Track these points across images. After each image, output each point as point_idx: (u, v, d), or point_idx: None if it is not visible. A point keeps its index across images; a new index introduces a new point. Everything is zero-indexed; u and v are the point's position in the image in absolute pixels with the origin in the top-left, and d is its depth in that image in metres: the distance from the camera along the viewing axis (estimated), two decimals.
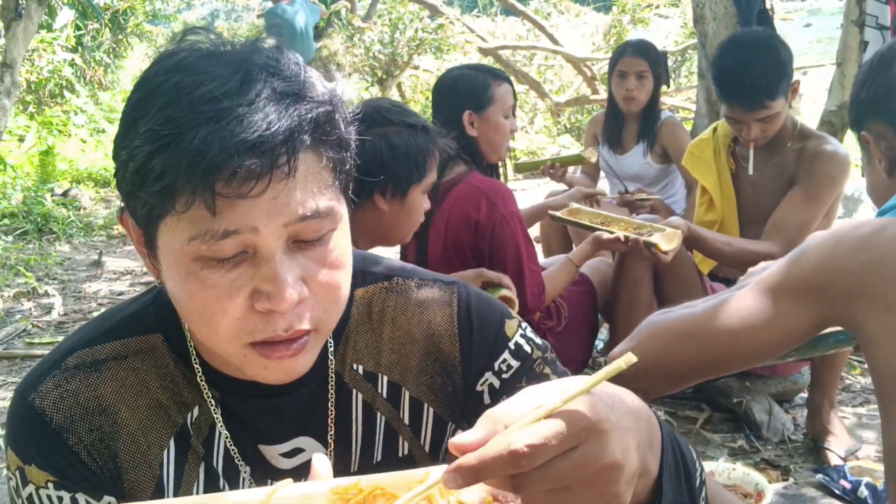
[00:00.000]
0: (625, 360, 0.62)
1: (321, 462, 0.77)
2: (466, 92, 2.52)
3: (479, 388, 1.03)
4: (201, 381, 0.97)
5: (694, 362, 1.31)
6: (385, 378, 1.03)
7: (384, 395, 1.03)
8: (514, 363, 1.03)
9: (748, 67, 2.47)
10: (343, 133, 0.86)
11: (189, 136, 0.76)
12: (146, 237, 0.85)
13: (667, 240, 2.54)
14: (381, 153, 1.96)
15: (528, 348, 1.04)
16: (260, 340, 0.84)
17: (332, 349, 1.00)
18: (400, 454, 1.05)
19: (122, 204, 0.87)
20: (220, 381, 0.96)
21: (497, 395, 1.02)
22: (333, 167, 0.85)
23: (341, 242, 0.87)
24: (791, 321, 1.29)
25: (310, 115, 0.81)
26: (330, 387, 1.00)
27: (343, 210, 0.88)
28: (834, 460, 2.44)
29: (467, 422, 1.06)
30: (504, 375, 1.03)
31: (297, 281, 0.82)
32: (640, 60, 3.60)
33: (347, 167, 0.88)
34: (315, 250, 0.84)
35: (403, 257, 2.53)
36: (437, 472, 0.70)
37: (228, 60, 0.81)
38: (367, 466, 1.03)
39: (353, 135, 0.90)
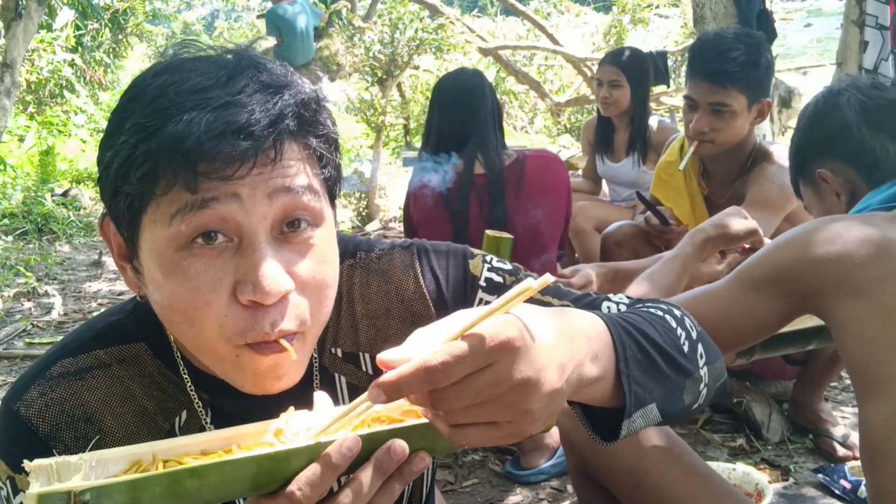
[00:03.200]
0: (539, 282, 0.66)
1: (321, 398, 0.82)
2: (492, 88, 2.74)
3: None
4: (189, 385, 0.97)
5: None
6: (367, 356, 1.04)
7: (369, 371, 1.04)
8: (491, 298, 1.04)
9: (723, 43, 2.41)
10: (328, 129, 0.87)
11: (174, 121, 0.76)
12: (128, 242, 0.85)
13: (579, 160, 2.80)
14: None
15: (499, 278, 1.05)
16: (249, 342, 0.83)
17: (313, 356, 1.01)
18: None
19: (105, 210, 0.87)
20: (208, 383, 0.96)
21: None
22: (320, 157, 0.86)
23: (327, 242, 0.87)
24: (767, 310, 1.40)
25: (294, 101, 0.82)
26: (314, 375, 1.01)
27: (327, 212, 0.88)
28: (835, 447, 2.45)
29: None
30: None
31: (282, 272, 0.82)
32: (614, 69, 3.67)
33: (332, 167, 0.88)
34: (300, 244, 0.84)
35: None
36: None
37: (215, 60, 0.83)
38: None
39: (335, 130, 0.91)
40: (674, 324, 0.91)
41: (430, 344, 0.66)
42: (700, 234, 1.82)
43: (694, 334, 0.94)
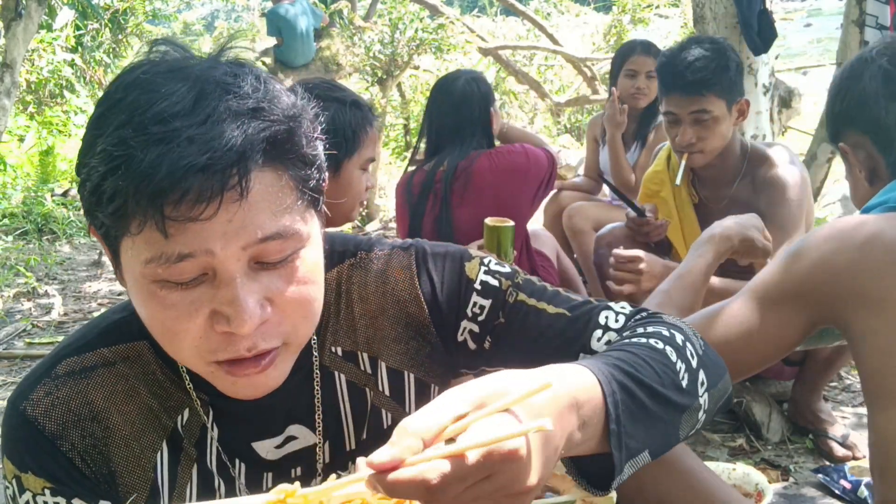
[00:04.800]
0: (543, 385, 0.66)
1: (362, 464, 0.77)
2: (483, 93, 2.85)
3: (459, 338, 1.03)
4: (189, 385, 0.97)
5: None
6: (365, 355, 1.04)
7: (368, 370, 1.04)
8: (486, 302, 1.02)
9: (689, 52, 2.42)
10: (305, 150, 0.83)
11: (138, 159, 0.74)
12: (111, 252, 0.85)
13: (567, 170, 2.95)
14: None
15: (495, 282, 1.03)
16: (223, 360, 0.83)
17: (314, 339, 1.01)
18: (385, 426, 1.06)
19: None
20: (207, 384, 0.96)
21: (480, 339, 1.02)
22: (296, 185, 0.82)
23: (310, 259, 0.85)
24: (785, 326, 1.32)
25: (263, 134, 0.78)
26: (315, 373, 1.01)
27: (311, 229, 0.86)
28: (834, 447, 2.45)
29: (454, 377, 1.07)
30: (480, 318, 1.02)
31: (259, 303, 0.81)
32: (651, 59, 3.63)
33: (313, 184, 0.85)
34: (280, 270, 0.82)
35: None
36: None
37: (185, 76, 0.79)
38: (359, 444, 1.05)
39: (321, 149, 0.87)
40: (674, 357, 0.88)
41: (420, 439, 0.64)
42: (726, 242, 1.69)
43: (694, 362, 0.91)
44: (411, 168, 2.95)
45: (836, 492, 2.26)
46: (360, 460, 0.79)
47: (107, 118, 0.79)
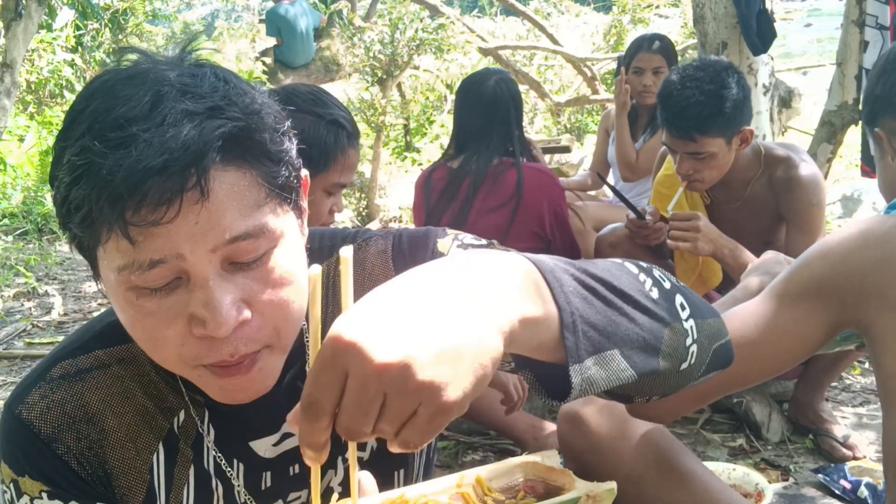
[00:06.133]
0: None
1: (367, 478, 0.77)
2: (517, 94, 2.85)
3: None
4: (183, 386, 0.97)
5: (715, 379, 1.33)
6: None
7: None
8: None
9: (684, 90, 2.35)
10: (268, 146, 0.82)
11: (97, 165, 0.74)
12: (89, 262, 0.84)
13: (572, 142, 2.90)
14: None
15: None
16: (208, 364, 0.83)
17: (307, 337, 1.00)
18: None
19: None
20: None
21: None
22: (263, 182, 0.81)
23: (286, 258, 0.84)
24: (807, 327, 1.28)
25: (219, 132, 0.76)
26: (307, 369, 1.01)
27: (285, 226, 0.84)
28: (835, 447, 2.45)
29: None
30: None
31: (235, 304, 0.80)
32: (658, 56, 3.68)
33: (282, 181, 0.83)
34: (255, 271, 0.81)
35: None
36: (470, 475, 0.75)
37: (143, 80, 0.78)
38: None
39: (290, 146, 0.86)
40: (635, 269, 0.80)
41: None
42: (755, 281, 1.64)
43: (667, 284, 0.83)
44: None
45: (836, 492, 2.26)
46: (364, 476, 0.78)
47: (71, 129, 0.78)
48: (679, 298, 0.82)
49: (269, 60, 9.97)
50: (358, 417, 0.61)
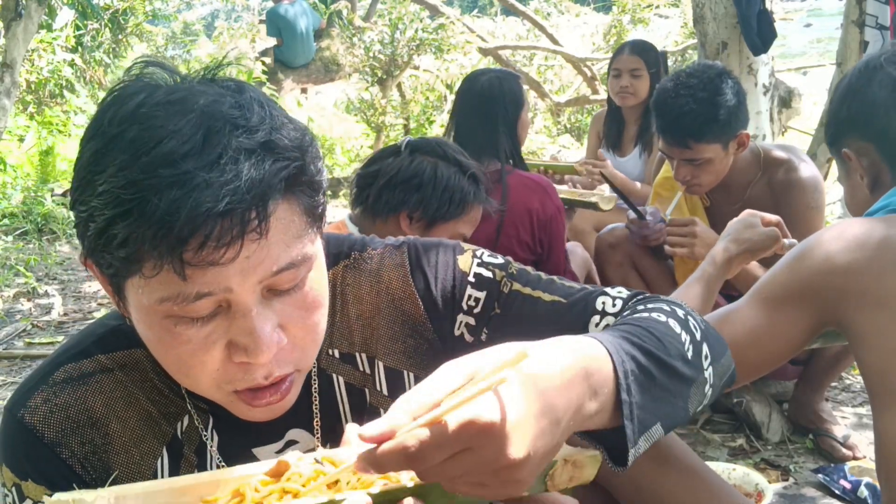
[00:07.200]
0: (516, 357, 0.65)
1: (351, 431, 0.79)
2: (512, 93, 2.74)
3: (456, 332, 1.03)
4: (186, 393, 0.97)
5: None
6: (363, 355, 1.03)
7: (367, 371, 1.04)
8: (480, 294, 1.02)
9: (677, 98, 2.34)
10: (315, 178, 0.83)
11: (153, 204, 0.72)
12: (113, 287, 0.83)
13: (605, 202, 2.93)
14: (422, 175, 1.97)
15: (489, 274, 1.03)
16: (241, 389, 0.83)
17: None
18: None
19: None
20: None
21: (476, 332, 1.02)
22: (306, 212, 0.82)
23: (318, 280, 0.86)
24: (792, 326, 1.33)
25: (283, 174, 0.77)
26: (312, 377, 1.01)
27: (317, 249, 0.86)
28: (835, 447, 2.45)
29: None
30: (476, 311, 1.02)
31: (275, 330, 0.81)
32: (635, 58, 3.65)
33: (321, 209, 0.85)
34: (292, 296, 0.83)
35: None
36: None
37: (188, 110, 0.76)
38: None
39: (324, 170, 0.87)
40: (678, 328, 0.88)
41: (411, 413, 0.64)
42: (722, 253, 1.73)
43: (698, 334, 0.91)
44: None
45: (836, 492, 2.26)
46: (350, 428, 0.80)
47: (106, 155, 0.75)
48: (704, 348, 0.90)
49: (268, 60, 9.97)
50: (446, 476, 0.65)
